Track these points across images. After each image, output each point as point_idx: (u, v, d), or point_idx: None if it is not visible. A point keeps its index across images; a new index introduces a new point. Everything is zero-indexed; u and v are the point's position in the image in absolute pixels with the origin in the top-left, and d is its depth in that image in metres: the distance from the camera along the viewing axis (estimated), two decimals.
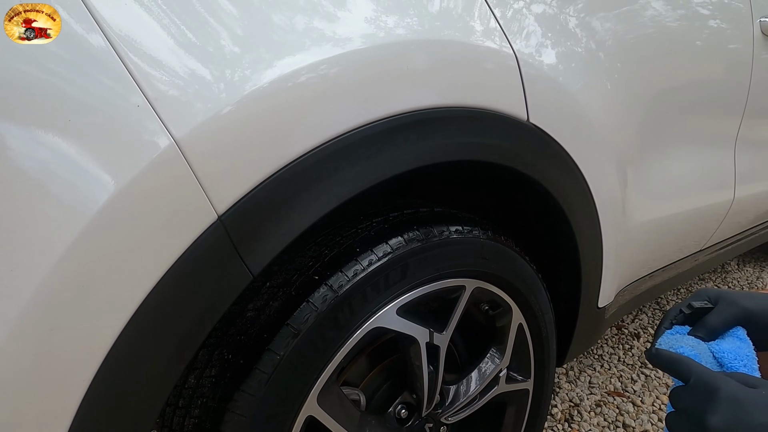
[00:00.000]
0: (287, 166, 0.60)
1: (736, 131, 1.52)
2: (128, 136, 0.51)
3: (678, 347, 0.59)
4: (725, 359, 0.59)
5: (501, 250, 0.91)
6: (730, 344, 0.60)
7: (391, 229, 0.78)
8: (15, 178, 0.49)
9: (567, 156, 0.93)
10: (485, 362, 0.99)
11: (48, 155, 0.49)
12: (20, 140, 0.49)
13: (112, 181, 0.51)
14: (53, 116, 0.49)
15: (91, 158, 0.50)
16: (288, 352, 0.68)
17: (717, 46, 1.35)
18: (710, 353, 0.59)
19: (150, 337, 0.56)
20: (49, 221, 0.49)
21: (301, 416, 0.72)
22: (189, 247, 0.55)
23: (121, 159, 0.51)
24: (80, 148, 0.50)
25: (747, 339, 0.60)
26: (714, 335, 0.61)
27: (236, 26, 0.58)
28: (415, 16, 0.72)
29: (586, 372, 1.73)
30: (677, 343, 0.60)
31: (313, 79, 0.60)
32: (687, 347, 0.59)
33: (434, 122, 0.72)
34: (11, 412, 0.51)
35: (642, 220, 1.24)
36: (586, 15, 0.98)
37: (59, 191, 0.50)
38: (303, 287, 0.71)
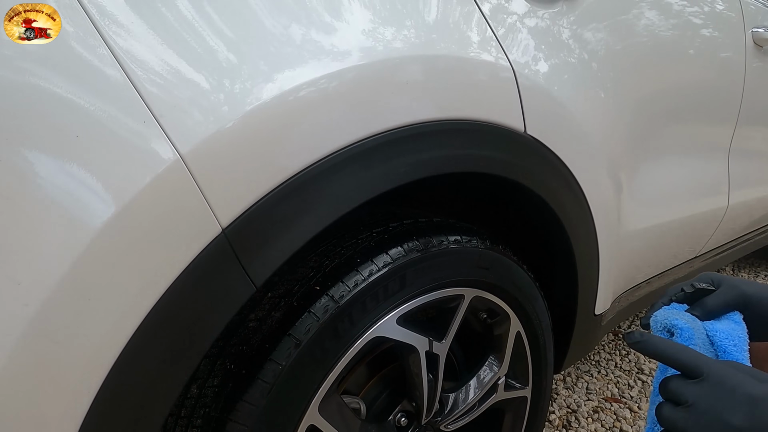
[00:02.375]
0: (290, 179, 0.61)
1: (730, 139, 1.53)
2: (133, 150, 0.52)
3: (673, 320, 0.59)
4: (717, 338, 0.58)
5: (499, 259, 0.92)
6: (725, 325, 0.60)
7: (390, 239, 0.79)
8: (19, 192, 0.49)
9: (563, 166, 0.94)
10: (484, 370, 0.99)
11: (51, 170, 0.50)
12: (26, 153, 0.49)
13: (117, 194, 0.52)
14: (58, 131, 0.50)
15: (96, 173, 0.51)
16: (290, 362, 0.68)
17: (710, 55, 1.37)
18: (704, 331, 0.59)
19: (155, 349, 0.56)
20: (55, 235, 0.50)
21: (303, 425, 0.73)
22: (194, 259, 0.56)
23: (126, 173, 0.52)
24: (85, 163, 0.51)
25: (742, 323, 0.60)
26: (711, 316, 0.61)
27: (241, 42, 0.59)
28: (412, 29, 0.73)
29: (583, 378, 1.74)
30: (673, 317, 0.60)
31: (313, 93, 0.62)
32: (682, 321, 0.59)
33: (432, 135, 0.73)
34: (17, 423, 0.51)
35: (638, 228, 1.26)
36: (579, 27, 1.00)
37: (63, 205, 0.50)
38: (304, 297, 0.72)
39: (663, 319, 0.60)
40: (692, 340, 0.57)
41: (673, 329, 0.59)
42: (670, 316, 0.60)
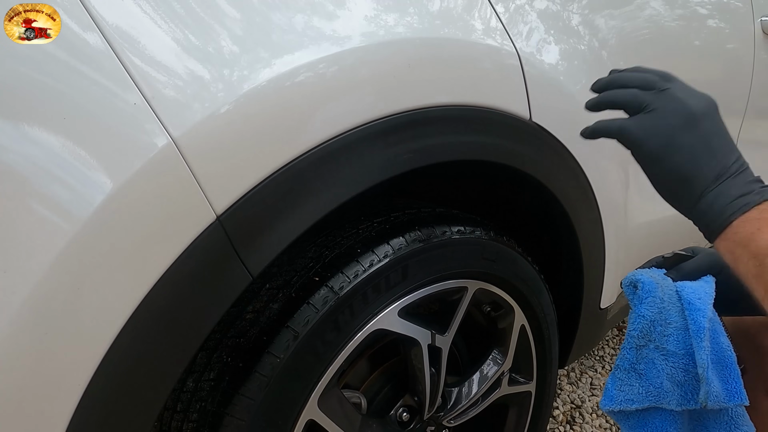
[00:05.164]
0: (287, 165, 0.59)
1: (738, 131, 1.51)
2: (125, 135, 0.51)
3: (639, 275, 0.64)
4: (684, 293, 0.63)
5: (503, 250, 0.90)
6: (694, 284, 0.64)
7: (392, 229, 0.77)
8: (10, 179, 0.48)
9: (569, 156, 0.92)
10: (487, 364, 0.98)
11: (44, 155, 0.48)
12: (18, 140, 0.48)
13: (108, 180, 0.50)
14: (50, 115, 0.48)
15: (88, 158, 0.49)
16: (288, 355, 0.67)
17: (717, 45, 1.35)
18: (674, 288, 0.64)
19: (147, 340, 0.54)
20: (44, 222, 0.48)
21: (302, 420, 0.71)
22: (187, 247, 0.54)
23: (117, 158, 0.50)
24: (77, 148, 0.49)
25: (711, 282, 0.65)
26: (686, 279, 0.66)
27: (235, 26, 0.57)
28: (415, 15, 0.71)
29: (587, 374, 1.72)
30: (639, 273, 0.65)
31: (311, 78, 0.60)
32: (646, 277, 0.64)
33: (435, 121, 0.71)
34: (4, 419, 0.50)
35: (643, 221, 1.24)
36: (589, 12, 0.97)
37: (55, 191, 0.49)
38: (303, 289, 0.70)
39: (631, 275, 0.65)
40: (654, 292, 0.62)
41: (637, 283, 0.63)
42: (637, 273, 0.65)
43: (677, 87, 0.60)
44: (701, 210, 0.56)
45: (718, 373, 0.62)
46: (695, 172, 0.56)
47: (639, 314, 0.63)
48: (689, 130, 0.56)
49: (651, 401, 0.63)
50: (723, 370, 0.62)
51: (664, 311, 0.63)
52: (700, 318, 0.61)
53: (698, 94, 0.60)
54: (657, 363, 0.63)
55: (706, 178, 0.56)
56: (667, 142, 0.57)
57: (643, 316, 0.63)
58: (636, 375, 0.64)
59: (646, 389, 0.63)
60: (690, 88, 0.61)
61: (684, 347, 0.62)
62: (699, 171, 0.56)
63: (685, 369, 0.62)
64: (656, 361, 0.63)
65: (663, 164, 0.58)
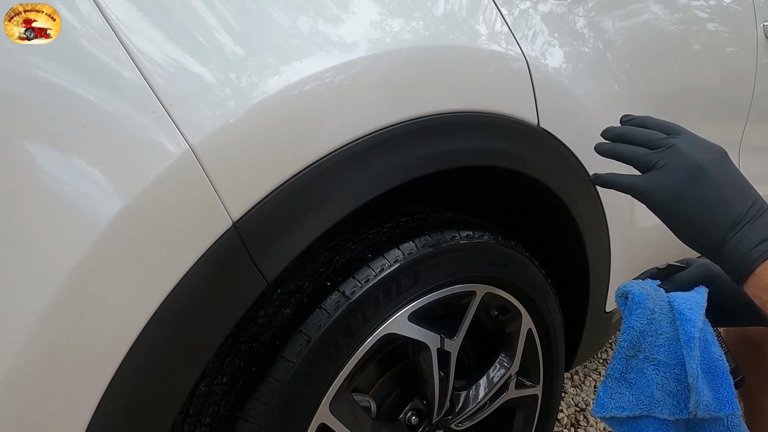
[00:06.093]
0: (301, 171, 0.59)
1: (741, 135, 1.51)
2: (142, 142, 0.51)
3: (630, 287, 0.65)
4: (676, 303, 0.64)
5: (511, 255, 0.90)
6: (686, 294, 0.65)
7: (402, 234, 0.78)
8: (26, 187, 0.48)
9: (576, 161, 0.92)
10: (495, 368, 0.98)
11: (60, 162, 0.49)
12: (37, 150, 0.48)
13: (126, 187, 0.50)
14: (70, 123, 0.49)
15: (105, 165, 0.50)
16: (301, 359, 0.67)
17: (721, 49, 1.35)
18: (666, 299, 0.65)
19: (164, 345, 0.55)
20: (63, 229, 0.49)
21: (314, 424, 0.71)
22: (204, 253, 0.55)
23: (135, 165, 0.51)
24: (93, 155, 0.49)
25: (703, 293, 0.65)
26: (679, 290, 0.67)
27: (252, 33, 0.57)
28: (420, 20, 0.71)
29: (591, 376, 1.72)
30: (630, 285, 0.65)
31: (323, 86, 0.60)
32: (637, 288, 0.65)
33: (445, 128, 0.72)
34: (23, 424, 0.50)
35: (650, 225, 1.24)
36: (595, 15, 0.98)
37: (72, 199, 0.49)
38: (315, 293, 0.71)
39: (622, 287, 0.66)
40: (644, 303, 0.64)
41: (628, 294, 0.65)
42: (629, 284, 0.66)
43: (684, 141, 0.60)
44: (724, 257, 0.57)
45: (709, 383, 0.62)
46: (710, 222, 0.57)
47: (629, 325, 0.64)
48: (697, 182, 0.58)
49: (642, 409, 0.64)
50: (714, 379, 0.62)
51: (654, 322, 0.63)
52: (691, 328, 0.61)
53: (706, 145, 0.61)
54: (647, 373, 0.64)
55: (723, 226, 0.56)
56: (676, 197, 0.58)
57: (632, 327, 0.64)
58: (626, 384, 0.65)
59: (637, 398, 0.64)
60: (698, 138, 0.62)
61: (675, 357, 0.62)
62: (714, 220, 0.57)
63: (676, 379, 0.63)
64: (646, 371, 0.64)
65: (677, 217, 0.59)
